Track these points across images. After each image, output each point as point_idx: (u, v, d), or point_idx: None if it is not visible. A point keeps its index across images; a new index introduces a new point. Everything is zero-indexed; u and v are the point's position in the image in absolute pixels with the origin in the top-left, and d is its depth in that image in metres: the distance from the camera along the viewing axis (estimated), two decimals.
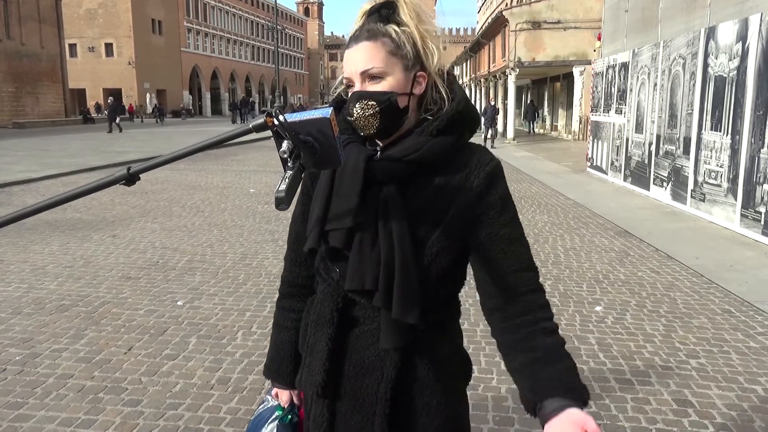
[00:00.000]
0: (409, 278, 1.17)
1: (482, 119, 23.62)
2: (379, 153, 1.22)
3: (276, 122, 1.02)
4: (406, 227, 1.17)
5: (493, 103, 23.51)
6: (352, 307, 1.24)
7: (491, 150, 1.32)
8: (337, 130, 1.06)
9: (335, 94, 1.29)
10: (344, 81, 1.22)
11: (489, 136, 21.45)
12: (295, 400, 1.43)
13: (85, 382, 3.22)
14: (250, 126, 1.05)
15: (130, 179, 1.13)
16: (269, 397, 1.48)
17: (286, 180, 1.02)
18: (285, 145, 1.03)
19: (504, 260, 1.21)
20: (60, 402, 3.00)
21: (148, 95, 52.58)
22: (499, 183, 1.23)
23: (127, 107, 48.40)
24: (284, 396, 1.43)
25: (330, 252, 1.24)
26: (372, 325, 1.23)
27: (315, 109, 1.06)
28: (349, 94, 1.20)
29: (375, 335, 1.22)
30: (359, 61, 1.17)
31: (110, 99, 31.46)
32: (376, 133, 1.18)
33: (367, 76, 1.17)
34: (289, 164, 1.04)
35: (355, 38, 1.20)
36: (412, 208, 1.19)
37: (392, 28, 1.19)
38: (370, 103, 1.15)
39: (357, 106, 1.16)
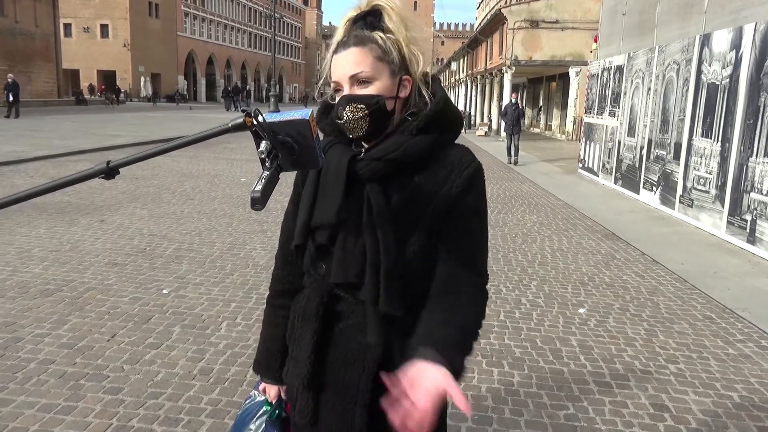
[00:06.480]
0: (395, 272, 1.22)
1: (502, 123, 17.51)
2: (363, 153, 1.26)
3: (255, 122, 1.03)
4: (390, 223, 1.22)
5: (515, 100, 16.00)
6: (337, 303, 1.29)
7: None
8: (316, 132, 1.07)
9: (321, 98, 1.32)
10: (333, 85, 1.26)
11: (513, 146, 14.81)
12: (283, 396, 1.45)
13: (66, 369, 3.21)
14: (229, 125, 1.05)
15: (109, 173, 1.13)
16: (256, 393, 1.49)
17: (263, 180, 1.02)
18: (263, 145, 1.04)
19: (454, 261, 1.26)
20: (40, 387, 3.00)
21: (142, 78, 52.17)
22: (476, 188, 1.27)
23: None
24: (272, 391, 1.46)
25: (317, 248, 1.29)
26: (356, 319, 1.27)
27: (295, 110, 1.07)
28: (338, 99, 1.24)
29: (358, 329, 1.27)
30: (348, 66, 1.21)
31: (9, 77, 24.56)
32: (365, 135, 1.23)
33: (356, 80, 1.21)
34: (266, 164, 1.04)
35: (344, 44, 1.24)
36: (394, 205, 1.23)
37: (378, 35, 1.23)
38: (359, 106, 1.20)
39: (347, 109, 1.20)
